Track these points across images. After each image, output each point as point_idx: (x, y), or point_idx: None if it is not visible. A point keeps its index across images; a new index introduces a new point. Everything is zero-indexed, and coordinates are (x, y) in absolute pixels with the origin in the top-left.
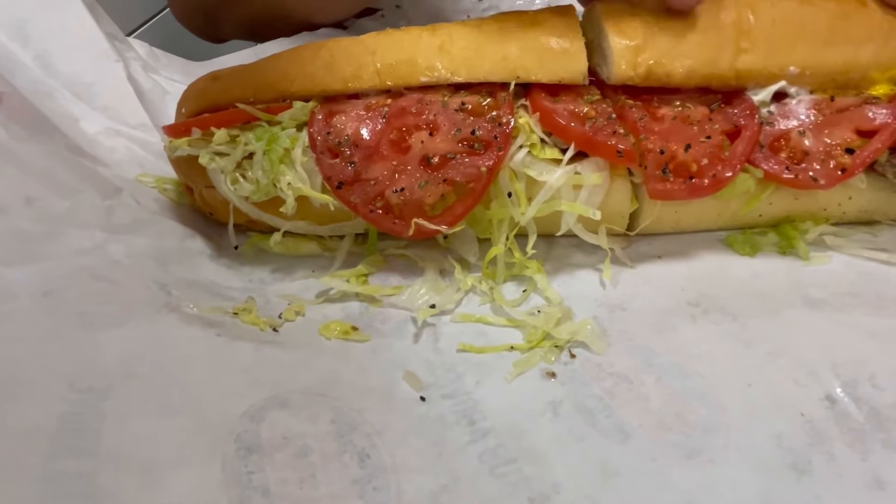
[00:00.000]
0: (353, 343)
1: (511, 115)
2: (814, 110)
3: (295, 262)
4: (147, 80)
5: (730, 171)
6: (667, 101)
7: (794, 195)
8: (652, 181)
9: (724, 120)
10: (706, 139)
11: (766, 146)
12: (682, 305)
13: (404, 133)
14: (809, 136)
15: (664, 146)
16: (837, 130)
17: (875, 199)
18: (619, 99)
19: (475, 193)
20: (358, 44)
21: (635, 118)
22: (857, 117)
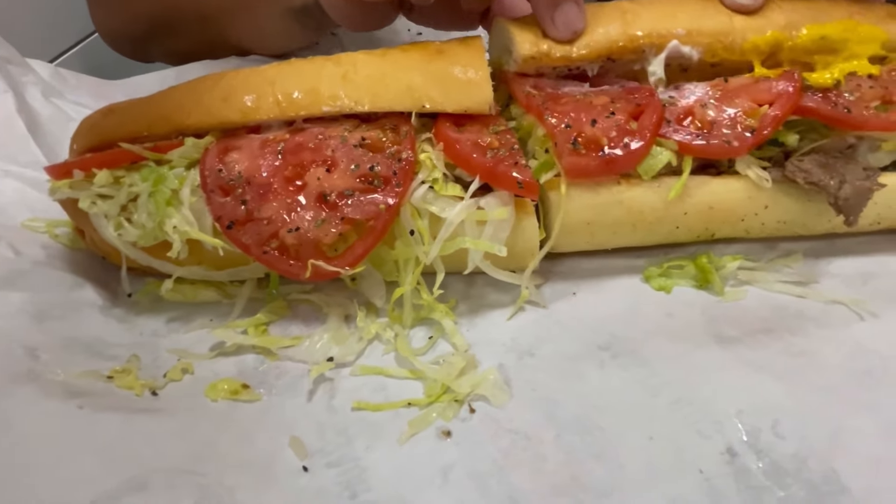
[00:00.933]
0: (241, 404)
1: (411, 150)
2: (711, 89)
3: (193, 309)
4: (47, 107)
5: (641, 140)
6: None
7: (709, 204)
8: (565, 155)
9: (625, 102)
10: (610, 115)
11: (674, 122)
12: (591, 349)
13: (300, 169)
14: (712, 108)
15: (570, 121)
16: (737, 102)
17: (791, 208)
18: (523, 90)
19: (375, 232)
20: (258, 74)
21: (538, 103)
22: (754, 90)
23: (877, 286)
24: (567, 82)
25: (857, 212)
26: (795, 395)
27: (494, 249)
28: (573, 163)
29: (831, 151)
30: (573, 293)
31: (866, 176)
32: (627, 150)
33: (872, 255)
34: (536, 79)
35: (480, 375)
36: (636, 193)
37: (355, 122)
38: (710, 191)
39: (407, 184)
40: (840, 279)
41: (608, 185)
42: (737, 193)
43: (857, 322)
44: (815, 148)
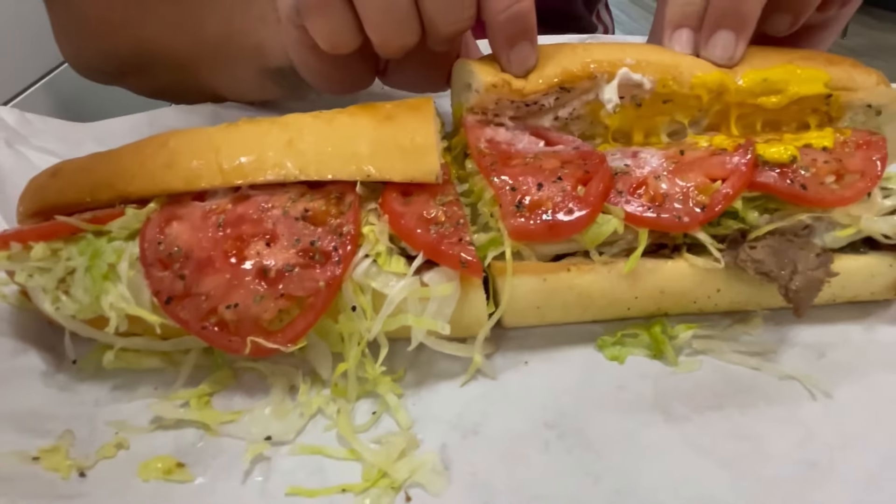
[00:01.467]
0: (173, 485)
1: (353, 224)
2: (666, 160)
3: (138, 377)
4: (9, 157)
5: (586, 207)
6: (521, 154)
7: (661, 288)
8: (509, 217)
9: (575, 167)
10: (557, 180)
11: (626, 192)
12: (538, 427)
13: (241, 243)
14: (665, 180)
15: (515, 184)
16: (691, 176)
17: (744, 290)
18: (478, 145)
19: (315, 309)
20: (203, 138)
21: (487, 164)
22: (708, 165)
23: (834, 359)
24: (523, 137)
25: (806, 304)
26: (738, 488)
27: (437, 327)
28: (517, 225)
29: (788, 233)
30: (525, 362)
31: (819, 264)
32: (572, 216)
33: (833, 324)
34: (494, 129)
35: (419, 460)
36: (586, 280)
37: (302, 188)
38: (662, 276)
39: (348, 259)
40: (798, 349)
41: (556, 272)
42: (688, 279)
43: (809, 402)
44: (772, 230)
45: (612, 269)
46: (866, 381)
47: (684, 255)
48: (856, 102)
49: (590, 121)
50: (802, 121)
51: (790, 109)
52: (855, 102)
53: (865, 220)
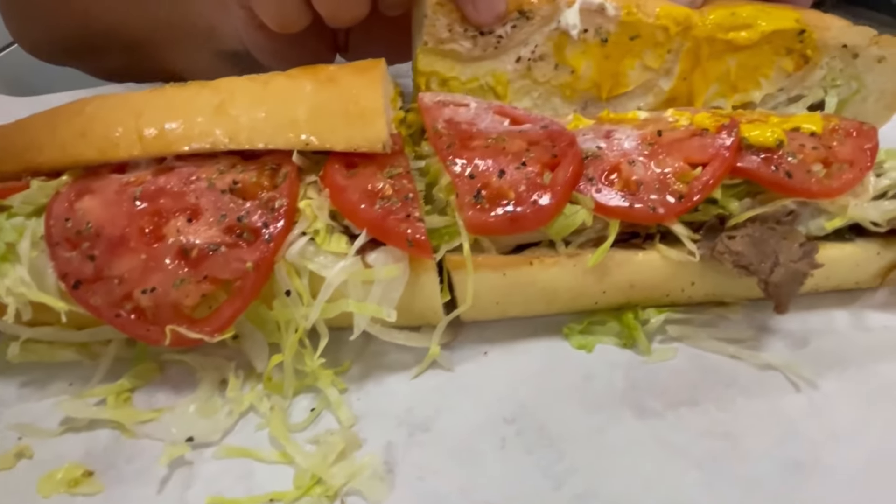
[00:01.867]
0: (78, 498)
1: (288, 197)
2: (641, 142)
3: (52, 370)
4: None
5: (551, 197)
6: (483, 135)
7: (630, 282)
8: (466, 210)
9: (541, 150)
10: (521, 166)
11: (596, 179)
12: (496, 423)
13: (159, 219)
14: (640, 166)
15: (474, 171)
16: (668, 161)
17: (720, 283)
18: (435, 125)
19: (243, 294)
20: (123, 103)
21: (444, 146)
22: (687, 148)
23: (819, 347)
24: (486, 116)
25: (788, 299)
26: (715, 490)
27: (382, 314)
28: (475, 218)
29: (770, 220)
30: (484, 353)
31: (802, 254)
32: (536, 208)
33: (818, 310)
34: (454, 109)
35: (359, 464)
36: (550, 275)
37: (234, 159)
38: (632, 269)
39: (280, 237)
40: (780, 336)
41: (518, 266)
42: (660, 272)
43: (793, 394)
44: (753, 216)
45: (578, 263)
46: (853, 372)
47: (657, 245)
48: (830, 42)
49: (555, 64)
50: (779, 65)
51: (763, 50)
52: (829, 42)
53: (854, 207)
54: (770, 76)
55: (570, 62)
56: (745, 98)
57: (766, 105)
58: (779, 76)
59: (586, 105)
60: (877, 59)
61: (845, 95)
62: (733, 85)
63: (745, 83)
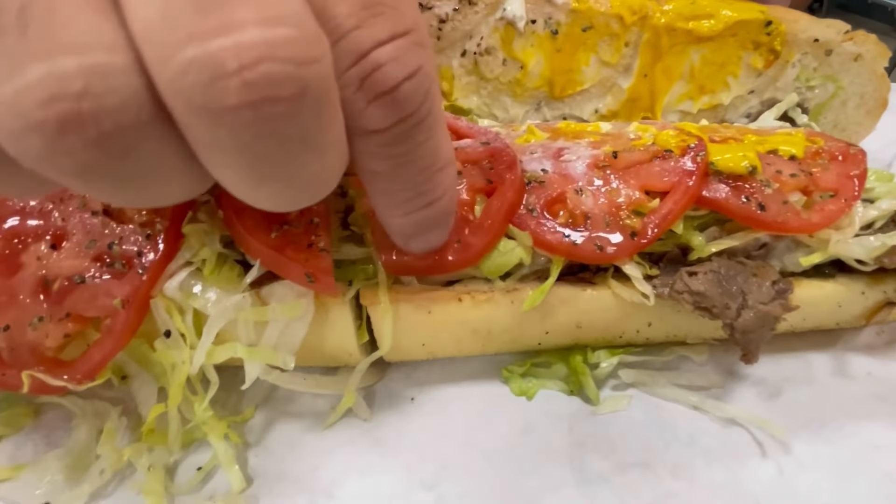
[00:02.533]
0: None
1: (169, 220)
2: (595, 169)
3: None
4: None
5: (483, 237)
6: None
7: (577, 322)
8: (382, 250)
9: (477, 174)
10: None
11: (538, 209)
12: (413, 489)
13: (17, 244)
14: (589, 195)
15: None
16: (622, 189)
17: (681, 323)
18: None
19: (114, 335)
20: None
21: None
22: (645, 175)
23: (794, 398)
24: None
25: (756, 347)
26: None
27: (277, 361)
28: (394, 258)
29: (739, 253)
30: (411, 399)
31: (775, 294)
32: (462, 248)
33: (795, 353)
34: None
35: None
36: (483, 313)
37: None
38: (579, 309)
39: (157, 268)
40: (750, 383)
41: (445, 302)
42: (612, 312)
43: (759, 460)
44: (720, 251)
45: (515, 300)
46: (831, 431)
47: (609, 282)
48: (800, 35)
49: (503, 59)
50: (747, 62)
51: (728, 43)
52: (799, 35)
53: (836, 244)
54: (738, 74)
55: (519, 56)
56: (713, 100)
57: (737, 111)
58: (748, 75)
59: (540, 105)
60: (853, 57)
61: (823, 99)
62: (700, 85)
63: (713, 83)
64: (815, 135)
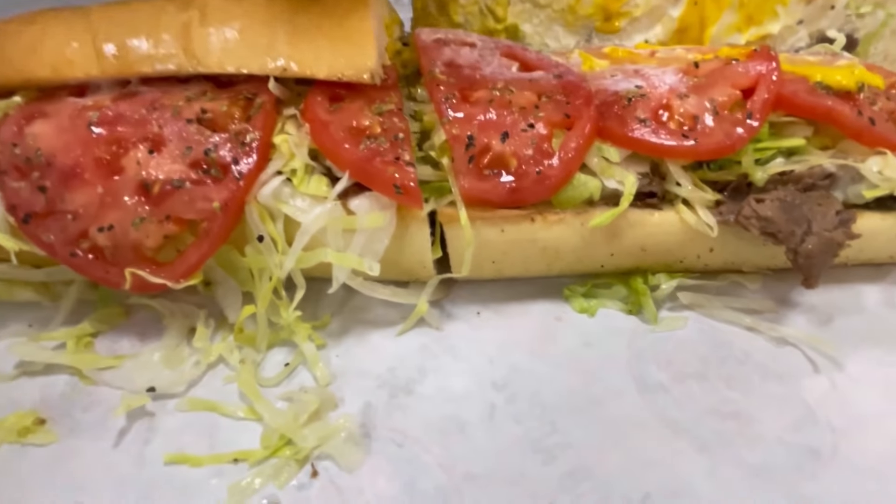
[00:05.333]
0: (30, 448)
1: (262, 130)
2: (685, 77)
3: (9, 310)
4: None
5: (562, 168)
6: (488, 83)
7: (642, 245)
8: (461, 176)
9: (553, 107)
10: (528, 128)
11: (649, 119)
12: (484, 388)
13: (118, 150)
14: (692, 98)
15: (473, 132)
16: (716, 90)
17: (740, 250)
18: (433, 69)
19: (210, 237)
20: (82, 17)
21: (441, 97)
22: (731, 75)
23: (845, 324)
24: (492, 59)
25: (818, 271)
26: (718, 476)
27: (364, 267)
28: (472, 188)
29: (805, 181)
30: (477, 313)
31: (838, 223)
32: (540, 180)
33: (846, 285)
34: (455, 49)
35: (333, 426)
36: (553, 234)
37: (206, 86)
38: (645, 232)
39: (251, 175)
40: (802, 310)
41: (518, 221)
42: (676, 236)
43: (812, 376)
44: (786, 176)
45: (585, 222)
46: (881, 353)
47: (677, 207)
48: None
49: None
50: None
51: None
52: None
53: None
54: (787, 3)
55: None
56: (761, 31)
57: (785, 43)
58: (797, 4)
59: (590, 37)
60: None
61: (872, 28)
62: (749, 14)
63: (761, 13)
64: (870, 67)
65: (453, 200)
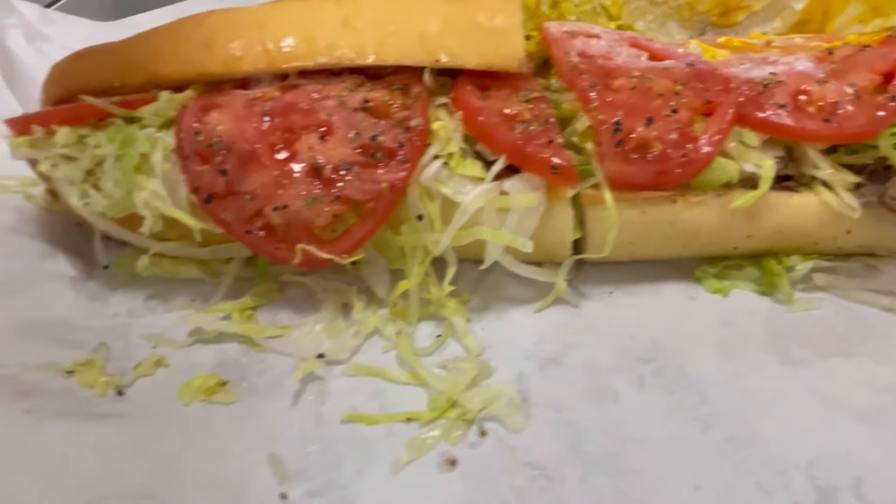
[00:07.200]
0: (216, 406)
1: (423, 117)
2: (820, 63)
3: (174, 286)
4: (30, 54)
5: (709, 149)
6: (624, 72)
7: (779, 227)
8: (608, 159)
9: (693, 94)
10: (672, 113)
11: (788, 104)
12: (629, 361)
13: (290, 136)
14: (832, 84)
15: (620, 118)
16: (856, 75)
17: (879, 233)
18: (571, 64)
19: (376, 216)
20: (246, 16)
21: (585, 85)
22: (868, 60)
23: None
24: (621, 49)
25: None
26: (881, 443)
27: (518, 244)
28: (619, 171)
29: None
30: (609, 293)
31: None
32: (686, 162)
33: None
34: (585, 41)
35: (494, 390)
36: (693, 215)
37: (359, 78)
38: (784, 214)
39: (415, 159)
40: None
41: (659, 203)
42: (815, 218)
43: None
44: None
45: (725, 204)
46: None
47: (817, 189)
48: None
49: None
50: None
51: None
52: None
53: None
54: None
55: None
56: (886, 23)
57: None
58: None
59: (704, 31)
60: None
61: None
62: (875, 6)
63: (888, 4)
64: None
65: (595, 183)
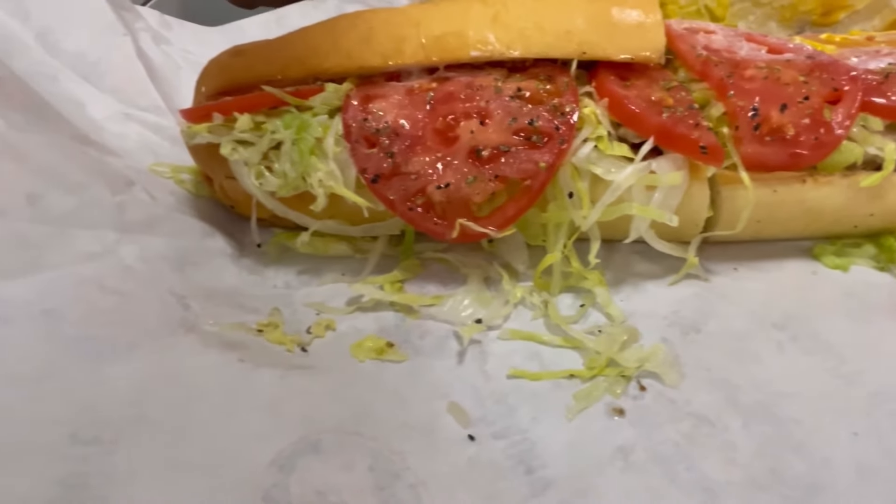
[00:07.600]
0: (388, 364)
1: (575, 103)
2: None
3: (323, 262)
4: (158, 55)
5: (840, 132)
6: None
7: None
8: (745, 143)
9: (820, 83)
10: (804, 100)
11: None
12: (765, 328)
13: (451, 121)
14: None
15: (757, 104)
16: None
17: None
18: (703, 56)
19: (531, 193)
20: (400, 14)
21: (721, 75)
22: None
23: None
24: (741, 44)
25: None
26: None
27: (664, 218)
28: (755, 153)
29: None
30: (734, 269)
31: None
32: (819, 145)
33: None
34: (706, 36)
35: (648, 350)
36: (821, 194)
37: (503, 71)
38: None
39: (570, 140)
40: None
41: (790, 182)
42: None
43: None
44: None
45: (852, 184)
46: None
47: None
48: None
49: None
50: None
51: None
52: None
53: None
54: None
55: None
56: None
57: None
58: None
59: (803, 30)
60: None
61: None
62: None
63: None
64: None
65: (729, 165)
